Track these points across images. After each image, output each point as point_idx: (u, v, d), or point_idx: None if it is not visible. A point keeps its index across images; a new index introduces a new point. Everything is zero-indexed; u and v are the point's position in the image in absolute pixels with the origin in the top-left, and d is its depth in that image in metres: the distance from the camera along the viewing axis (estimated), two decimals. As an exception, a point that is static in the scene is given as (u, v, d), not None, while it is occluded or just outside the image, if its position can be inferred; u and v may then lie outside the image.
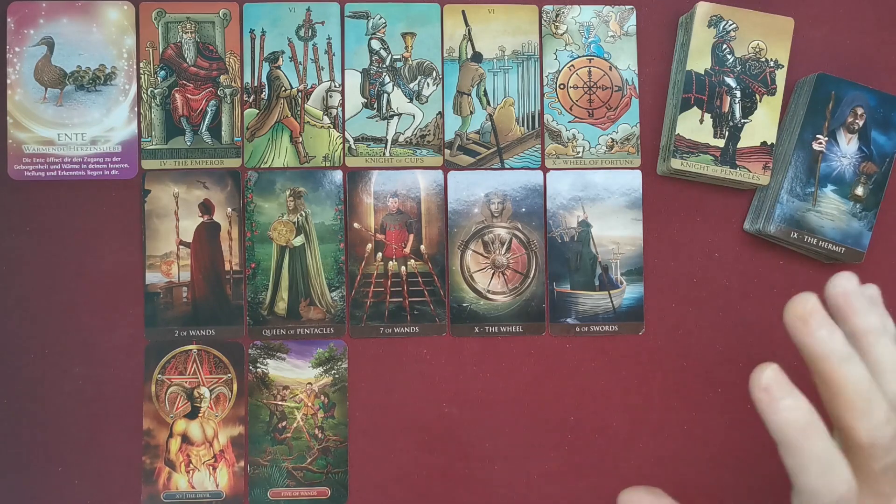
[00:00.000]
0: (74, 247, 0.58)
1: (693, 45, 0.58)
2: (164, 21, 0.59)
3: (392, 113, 0.60)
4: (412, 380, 0.59)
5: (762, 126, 0.58)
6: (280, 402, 0.58)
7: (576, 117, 0.60)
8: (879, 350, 0.31)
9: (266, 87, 0.59)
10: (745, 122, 0.58)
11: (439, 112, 0.60)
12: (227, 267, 0.58)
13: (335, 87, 0.59)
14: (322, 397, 0.58)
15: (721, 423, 0.59)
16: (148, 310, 0.58)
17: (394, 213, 0.59)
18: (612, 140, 0.60)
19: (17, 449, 0.57)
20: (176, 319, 0.58)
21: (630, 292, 0.60)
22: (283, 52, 0.59)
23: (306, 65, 0.59)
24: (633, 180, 0.60)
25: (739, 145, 0.58)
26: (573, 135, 0.60)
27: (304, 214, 0.59)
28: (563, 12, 0.60)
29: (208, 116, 0.59)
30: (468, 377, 0.59)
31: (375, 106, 0.60)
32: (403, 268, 0.59)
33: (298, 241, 0.59)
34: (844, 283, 0.32)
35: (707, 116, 0.58)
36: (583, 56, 0.60)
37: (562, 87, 0.60)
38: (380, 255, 0.59)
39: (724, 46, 0.58)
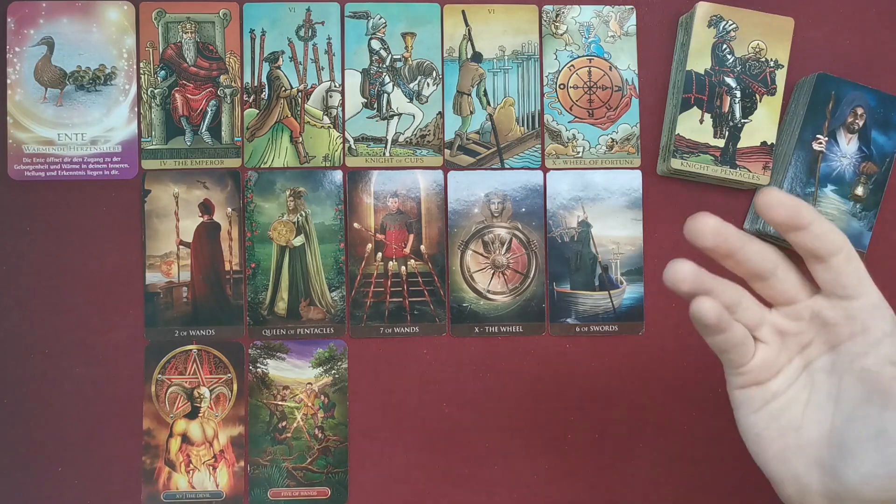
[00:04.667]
0: (74, 247, 0.58)
1: (693, 45, 0.58)
2: (164, 21, 0.59)
3: (392, 113, 0.60)
4: (412, 380, 0.59)
5: (762, 126, 0.58)
6: (280, 402, 0.58)
7: (576, 117, 0.60)
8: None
9: (266, 87, 0.59)
10: (745, 122, 0.58)
11: (439, 112, 0.60)
12: (227, 267, 0.58)
13: (335, 87, 0.59)
14: (322, 397, 0.58)
15: (721, 423, 0.59)
16: (148, 310, 0.58)
17: (394, 213, 0.59)
18: (612, 140, 0.60)
19: (17, 449, 0.57)
20: (176, 319, 0.58)
21: (630, 292, 0.60)
22: (283, 52, 0.59)
23: (306, 65, 0.59)
24: (633, 180, 0.60)
25: (739, 145, 0.58)
26: (573, 135, 0.60)
27: (304, 214, 0.59)
28: (563, 12, 0.60)
29: (208, 116, 0.59)
30: (468, 377, 0.59)
31: (375, 106, 0.60)
32: (403, 268, 0.59)
33: (298, 241, 0.59)
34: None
35: (707, 116, 0.58)
36: (583, 56, 0.60)
37: (562, 87, 0.60)
38: (380, 255, 0.59)
39: (724, 46, 0.58)
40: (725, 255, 0.35)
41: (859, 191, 0.58)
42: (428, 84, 0.60)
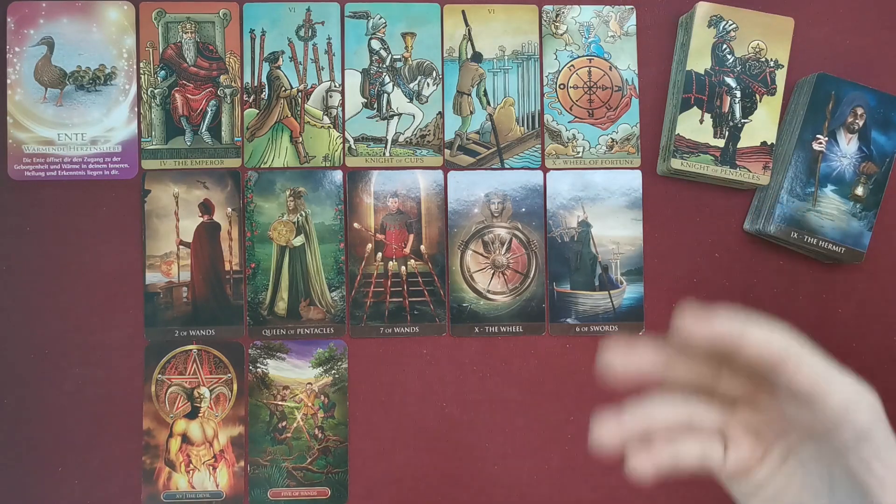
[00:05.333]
0: (74, 247, 0.58)
1: (693, 45, 0.58)
2: (164, 21, 0.59)
3: (392, 113, 0.60)
4: (412, 380, 0.59)
5: (762, 126, 0.58)
6: (280, 402, 0.58)
7: (576, 117, 0.60)
8: None
9: (266, 87, 0.59)
10: (745, 122, 0.58)
11: (439, 112, 0.60)
12: (227, 267, 0.58)
13: (335, 87, 0.59)
14: (322, 397, 0.58)
15: (721, 423, 0.59)
16: (148, 310, 0.58)
17: (394, 213, 0.59)
18: (612, 140, 0.60)
19: (17, 449, 0.57)
20: (176, 319, 0.58)
21: (630, 292, 0.60)
22: (283, 52, 0.59)
23: (306, 65, 0.59)
24: (633, 180, 0.60)
25: (739, 145, 0.58)
26: (573, 135, 0.60)
27: (304, 214, 0.59)
28: (563, 12, 0.60)
29: (208, 116, 0.59)
30: (468, 377, 0.59)
31: (375, 106, 0.60)
32: (403, 268, 0.59)
33: (298, 241, 0.59)
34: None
35: (707, 116, 0.58)
36: (583, 56, 0.60)
37: (562, 87, 0.60)
38: (380, 255, 0.59)
39: (724, 46, 0.58)
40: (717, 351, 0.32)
41: (859, 191, 0.58)
42: (428, 84, 0.60)
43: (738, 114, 0.58)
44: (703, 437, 0.35)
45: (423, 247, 0.59)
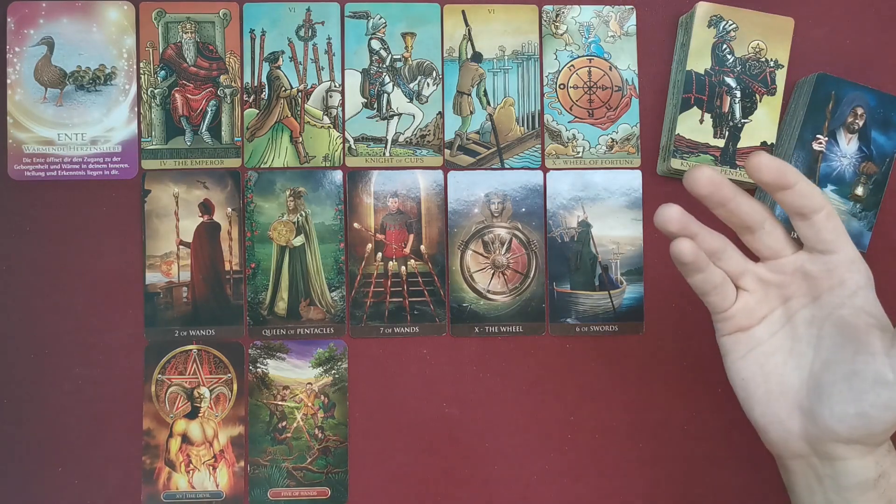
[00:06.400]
0: (74, 247, 0.58)
1: (693, 45, 0.58)
2: (164, 21, 0.59)
3: (392, 113, 0.60)
4: (412, 380, 0.59)
5: (762, 126, 0.58)
6: (280, 402, 0.58)
7: (576, 117, 0.60)
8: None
9: (266, 87, 0.59)
10: (745, 122, 0.58)
11: (439, 112, 0.60)
12: (227, 267, 0.58)
13: (335, 87, 0.59)
14: (322, 397, 0.58)
15: (721, 423, 0.59)
16: (148, 310, 0.58)
17: (394, 213, 0.59)
18: (612, 140, 0.60)
19: (17, 449, 0.57)
20: (176, 319, 0.58)
21: (630, 292, 0.60)
22: (283, 52, 0.59)
23: (306, 65, 0.59)
24: (633, 180, 0.60)
25: (739, 145, 0.58)
26: (573, 135, 0.60)
27: (304, 214, 0.59)
28: (563, 12, 0.60)
29: (208, 116, 0.59)
30: (468, 377, 0.59)
31: (375, 106, 0.60)
32: (403, 268, 0.59)
33: (298, 241, 0.59)
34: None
35: (707, 116, 0.58)
36: (583, 56, 0.60)
37: (562, 87, 0.60)
38: (380, 255, 0.59)
39: (724, 46, 0.58)
40: (719, 204, 0.39)
41: (859, 191, 0.58)
42: (428, 84, 0.60)
43: (738, 114, 0.58)
44: (728, 268, 0.41)
45: (423, 247, 0.59)
